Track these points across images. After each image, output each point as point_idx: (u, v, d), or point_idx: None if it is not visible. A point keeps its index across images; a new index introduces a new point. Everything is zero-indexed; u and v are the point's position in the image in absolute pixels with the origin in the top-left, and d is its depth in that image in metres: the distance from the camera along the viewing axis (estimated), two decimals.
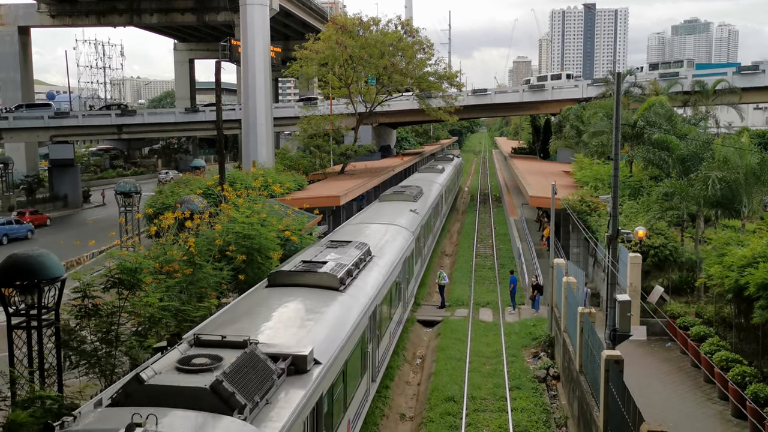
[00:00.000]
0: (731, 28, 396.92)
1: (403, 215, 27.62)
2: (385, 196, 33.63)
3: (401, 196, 32.75)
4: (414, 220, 27.52)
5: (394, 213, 27.86)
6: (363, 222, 25.66)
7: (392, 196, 33.07)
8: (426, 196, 35.56)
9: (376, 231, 23.05)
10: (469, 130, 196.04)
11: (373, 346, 15.83)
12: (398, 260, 20.44)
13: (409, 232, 25.00)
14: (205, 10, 70.83)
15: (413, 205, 30.63)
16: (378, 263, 18.33)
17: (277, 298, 13.59)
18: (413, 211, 29.04)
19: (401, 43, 52.85)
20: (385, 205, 30.87)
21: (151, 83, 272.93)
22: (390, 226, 24.45)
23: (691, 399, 17.13)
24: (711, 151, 25.89)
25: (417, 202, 31.67)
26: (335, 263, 15.45)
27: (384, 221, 25.38)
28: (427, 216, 31.76)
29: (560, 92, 62.05)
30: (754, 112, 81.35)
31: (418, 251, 27.64)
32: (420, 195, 34.13)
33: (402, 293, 21.70)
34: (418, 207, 30.75)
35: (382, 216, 27.02)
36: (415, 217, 28.12)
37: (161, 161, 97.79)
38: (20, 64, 72.60)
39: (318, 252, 17.09)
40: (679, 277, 24.53)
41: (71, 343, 13.05)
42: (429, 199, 35.40)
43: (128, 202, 28.75)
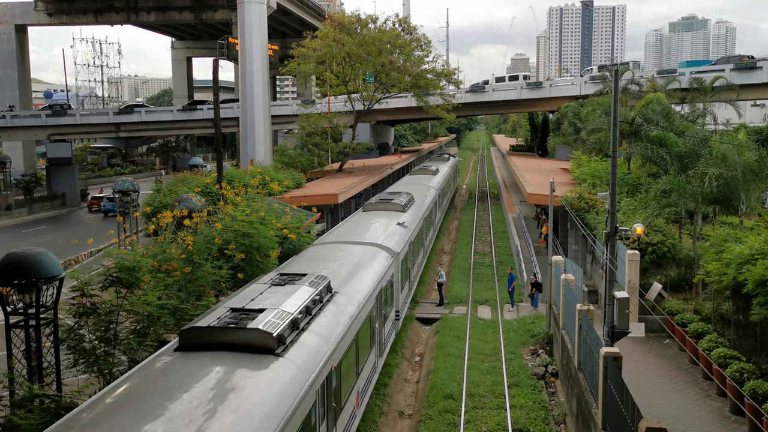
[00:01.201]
0: (729, 25, 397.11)
1: (388, 230, 23.95)
2: (370, 206, 29.48)
3: (388, 205, 28.68)
4: (401, 237, 23.79)
5: (377, 228, 24.34)
6: (336, 241, 21.71)
7: (377, 206, 28.96)
8: (417, 204, 31.58)
9: (349, 255, 19.17)
10: (468, 128, 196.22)
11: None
12: (371, 293, 16.40)
13: (392, 254, 21.02)
14: (202, 8, 70.73)
15: (401, 216, 26.91)
16: (340, 302, 14.16)
17: (181, 372, 9.67)
18: (401, 225, 25.29)
19: (399, 40, 52.81)
20: (367, 217, 26.89)
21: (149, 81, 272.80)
22: (368, 248, 20.52)
23: (690, 395, 17.16)
24: (709, 147, 25.91)
25: (406, 213, 28.04)
26: (275, 312, 11.28)
27: (362, 239, 21.73)
28: (417, 229, 27.96)
29: (558, 89, 62.06)
30: (752, 108, 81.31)
31: (404, 273, 23.52)
32: (410, 203, 30.38)
33: (376, 334, 17.57)
34: (408, 218, 27.03)
35: (362, 232, 23.44)
36: (402, 233, 24.29)
37: (159, 160, 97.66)
38: (17, 62, 72.43)
39: (257, 294, 12.58)
40: (677, 274, 24.57)
41: (69, 342, 13.04)
42: (421, 208, 31.44)
43: (126, 201, 28.65)
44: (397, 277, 21.26)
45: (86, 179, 77.83)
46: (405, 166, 67.22)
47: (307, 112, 53.57)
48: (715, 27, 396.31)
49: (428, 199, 35.44)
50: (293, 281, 13.85)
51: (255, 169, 39.31)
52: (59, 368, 12.08)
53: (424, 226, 31.13)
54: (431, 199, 36.51)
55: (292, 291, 12.82)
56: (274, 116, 60.23)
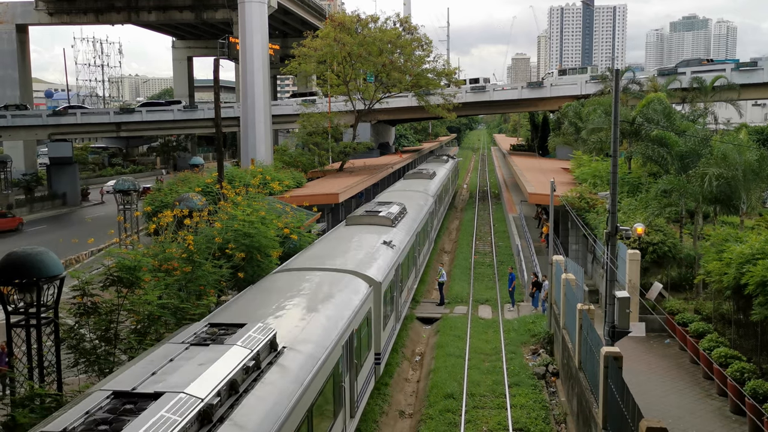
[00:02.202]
0: (729, 24, 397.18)
1: (370, 252, 20.04)
2: (354, 219, 25.41)
3: (374, 218, 24.79)
4: (385, 260, 19.57)
5: (357, 248, 20.50)
6: (304, 267, 17.54)
7: (362, 219, 25.04)
8: (410, 217, 27.68)
9: (314, 288, 15.42)
10: (468, 127, 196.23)
11: None
12: (336, 342, 12.45)
13: (372, 284, 17.00)
14: (203, 8, 70.79)
15: (389, 233, 22.82)
16: (287, 365, 10.46)
17: None
18: (387, 245, 21.14)
19: (400, 40, 52.80)
20: (349, 234, 22.82)
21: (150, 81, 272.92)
22: (342, 276, 16.50)
23: (690, 395, 17.15)
24: (709, 147, 25.90)
25: (396, 228, 24.23)
26: (177, 400, 7.67)
27: (336, 265, 17.63)
28: (408, 247, 24.01)
29: (559, 89, 62.09)
30: (753, 108, 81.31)
31: (389, 304, 19.18)
32: (402, 216, 26.50)
33: (344, 394, 13.32)
34: (397, 236, 23.03)
35: (338, 254, 19.36)
36: (387, 256, 20.14)
37: (160, 159, 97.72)
38: (18, 62, 72.54)
39: (164, 361, 8.99)
40: (677, 273, 24.56)
41: (70, 342, 13.05)
42: (414, 221, 27.50)
43: (127, 200, 28.71)
44: (377, 311, 17.12)
45: (87, 179, 77.90)
46: (405, 166, 67.22)
47: (308, 112, 53.60)
48: (716, 26, 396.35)
49: (423, 210, 31.40)
50: (223, 336, 10.20)
51: (256, 168, 39.35)
52: (60, 367, 12.09)
53: (417, 242, 27.17)
54: (427, 209, 32.59)
55: (215, 356, 9.18)
56: (275, 116, 60.28)
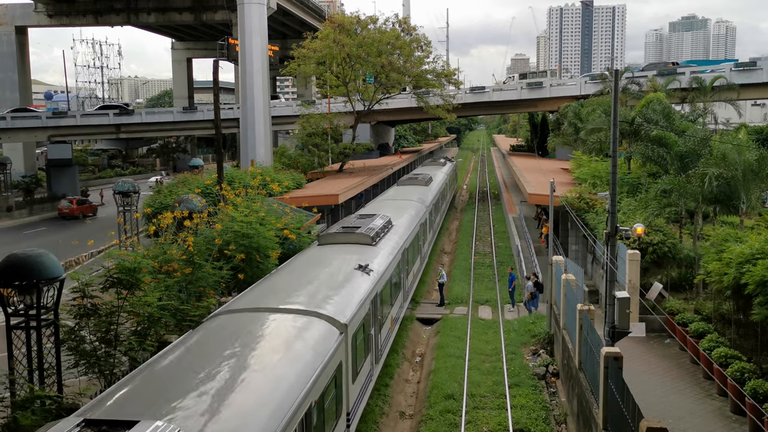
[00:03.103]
0: (729, 24, 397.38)
1: (341, 282, 15.89)
2: (327, 238, 20.58)
3: (352, 236, 20.24)
4: (359, 294, 15.38)
5: (326, 277, 16.24)
6: (254, 307, 13.28)
7: (337, 237, 20.45)
8: (396, 232, 23.37)
9: (256, 345, 11.45)
10: (468, 128, 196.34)
11: None
12: (284, 423, 9.10)
13: (338, 327, 12.97)
14: (202, 9, 70.83)
15: (368, 254, 18.64)
16: None
17: None
18: (364, 270, 16.95)
19: (399, 41, 52.85)
20: (319, 257, 18.35)
21: (149, 82, 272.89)
22: (300, 319, 12.66)
23: (690, 395, 17.15)
24: (709, 147, 25.91)
25: (377, 246, 19.85)
26: None
27: (294, 302, 13.68)
28: (391, 270, 19.88)
29: (558, 89, 62.13)
30: (752, 108, 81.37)
31: (364, 347, 15.26)
32: (385, 232, 22.04)
33: None
34: (378, 258, 18.86)
35: (300, 287, 15.15)
36: (362, 287, 15.91)
37: (159, 161, 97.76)
38: (17, 64, 72.59)
39: None
40: (677, 273, 24.55)
41: (70, 343, 13.05)
42: (400, 238, 22.94)
43: (127, 202, 28.71)
44: (346, 362, 13.12)
45: (87, 180, 77.89)
46: (404, 167, 67.24)
47: (308, 113, 53.62)
48: (715, 26, 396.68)
49: (414, 222, 27.13)
50: None
51: (255, 169, 39.34)
52: (60, 369, 12.10)
53: (403, 262, 22.79)
54: (419, 221, 28.41)
55: None
56: (275, 117, 60.30)
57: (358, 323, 14.49)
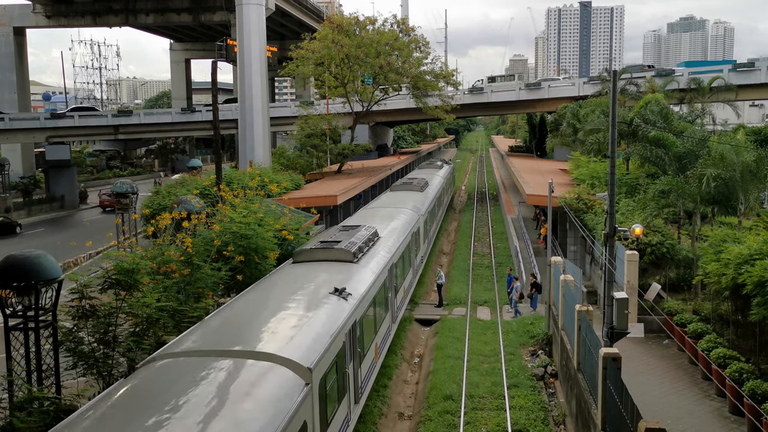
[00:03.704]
0: (727, 25, 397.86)
1: (311, 312, 13.42)
2: (303, 254, 18.06)
3: (330, 253, 17.91)
4: (330, 325, 13.03)
5: (293, 306, 13.92)
6: (198, 350, 11.14)
7: (315, 254, 17.97)
8: (382, 246, 21.04)
9: (194, 409, 8.88)
10: (466, 129, 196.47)
11: None
12: None
13: (302, 374, 10.65)
14: (201, 10, 70.75)
15: (347, 274, 16.73)
16: None
17: None
18: (340, 295, 14.63)
19: (397, 42, 52.87)
20: (290, 279, 16.32)
21: (148, 83, 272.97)
22: (256, 367, 10.40)
23: (689, 396, 17.17)
24: (707, 148, 25.94)
25: (358, 264, 17.79)
26: None
27: (249, 344, 11.39)
28: (373, 293, 17.27)
29: (557, 90, 62.16)
30: (750, 109, 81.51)
31: (335, 392, 12.75)
32: (369, 246, 19.87)
33: None
34: (357, 278, 16.68)
35: (263, 321, 12.91)
36: (336, 317, 13.56)
37: (158, 162, 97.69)
38: (16, 65, 72.44)
39: None
40: (676, 274, 24.57)
41: (69, 344, 13.03)
42: (388, 253, 20.60)
43: (125, 203, 28.68)
44: (312, 420, 10.81)
45: (85, 181, 77.81)
46: (402, 168, 67.22)
47: (306, 114, 53.61)
48: (714, 27, 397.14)
49: (405, 233, 25.03)
50: None
51: (254, 170, 39.31)
52: (58, 370, 12.08)
53: (392, 277, 20.52)
54: (410, 230, 26.24)
55: None
56: (273, 118, 60.29)
57: (330, 363, 12.23)
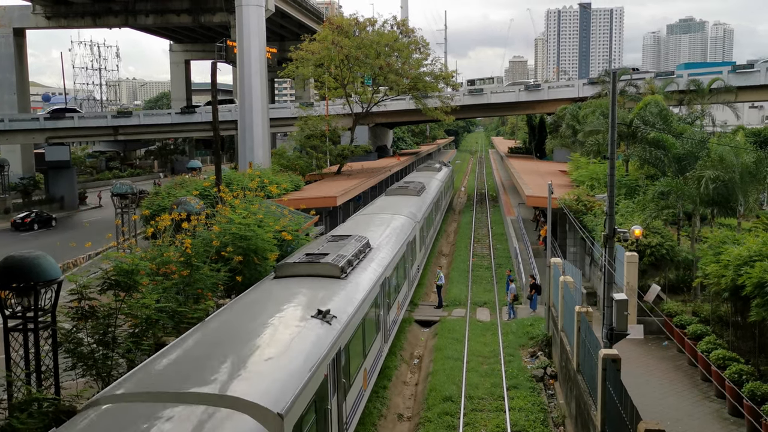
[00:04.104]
0: (726, 27, 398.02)
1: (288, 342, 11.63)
2: (286, 269, 16.10)
3: (316, 267, 15.97)
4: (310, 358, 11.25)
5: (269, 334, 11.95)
6: (148, 391, 9.27)
7: (298, 268, 16.01)
8: (375, 257, 19.27)
9: None
10: (466, 130, 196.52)
11: None
12: None
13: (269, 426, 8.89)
14: (200, 11, 70.78)
15: (333, 291, 14.94)
16: None
17: None
18: (323, 318, 12.81)
19: (397, 43, 52.92)
20: (269, 298, 14.36)
21: (147, 84, 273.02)
22: (216, 415, 8.65)
23: (688, 397, 17.16)
24: (707, 149, 25.95)
25: (346, 280, 15.95)
26: None
27: (209, 385, 9.40)
28: (362, 313, 15.44)
29: (556, 92, 62.21)
30: (750, 110, 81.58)
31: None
32: (360, 257, 18.11)
33: None
34: (345, 297, 14.88)
35: (230, 354, 10.85)
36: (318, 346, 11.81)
37: (157, 162, 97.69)
38: (15, 66, 72.49)
39: None
40: (675, 275, 24.56)
41: (68, 345, 13.03)
42: (379, 266, 18.76)
43: (124, 204, 28.69)
44: None
45: (85, 182, 77.79)
46: (402, 169, 67.21)
47: (306, 115, 53.63)
48: (713, 29, 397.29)
49: (401, 242, 23.31)
50: None
51: (253, 171, 39.31)
52: (57, 371, 12.07)
53: (384, 293, 18.79)
54: (406, 238, 24.59)
55: None
56: (273, 119, 60.31)
57: (307, 403, 10.41)
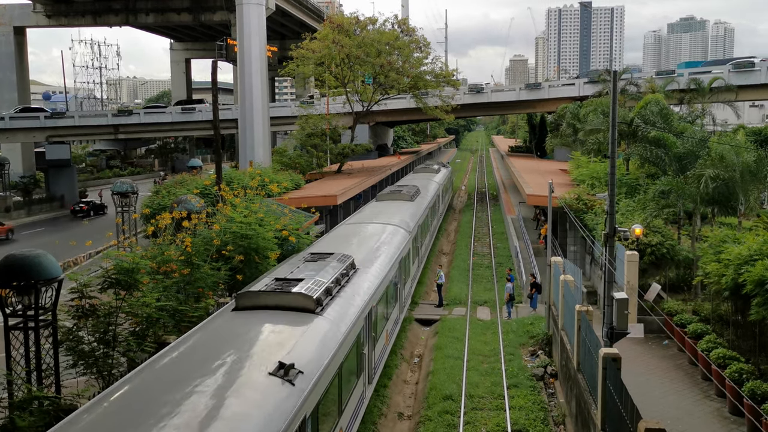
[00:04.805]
0: (727, 26, 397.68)
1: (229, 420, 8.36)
2: (249, 299, 12.85)
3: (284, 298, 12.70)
4: None
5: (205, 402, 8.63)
6: None
7: (262, 299, 12.74)
8: (358, 283, 15.89)
9: None
10: (466, 129, 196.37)
11: None
12: None
13: None
14: (201, 10, 70.78)
15: (301, 333, 11.92)
16: None
17: None
18: (284, 376, 9.77)
19: (398, 41, 52.88)
20: (216, 348, 10.82)
21: (148, 83, 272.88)
22: None
23: (689, 396, 17.16)
24: (707, 148, 25.93)
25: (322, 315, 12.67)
26: None
27: None
28: (340, 359, 12.39)
29: (557, 90, 62.16)
30: (750, 109, 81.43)
31: None
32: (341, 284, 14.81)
33: None
34: (317, 342, 11.81)
35: None
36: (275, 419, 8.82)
37: (158, 161, 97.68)
38: (16, 64, 72.46)
39: None
40: (676, 274, 24.57)
41: (69, 344, 13.04)
42: (365, 293, 15.63)
43: (125, 203, 28.67)
44: None
45: (85, 181, 77.80)
46: (401, 169, 67.19)
47: (307, 114, 53.62)
48: (714, 28, 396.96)
49: (392, 258, 20.20)
50: None
51: (254, 170, 39.31)
52: (58, 370, 12.08)
53: (370, 324, 15.68)
54: (399, 254, 21.41)
55: None
56: (273, 117, 60.28)
57: None
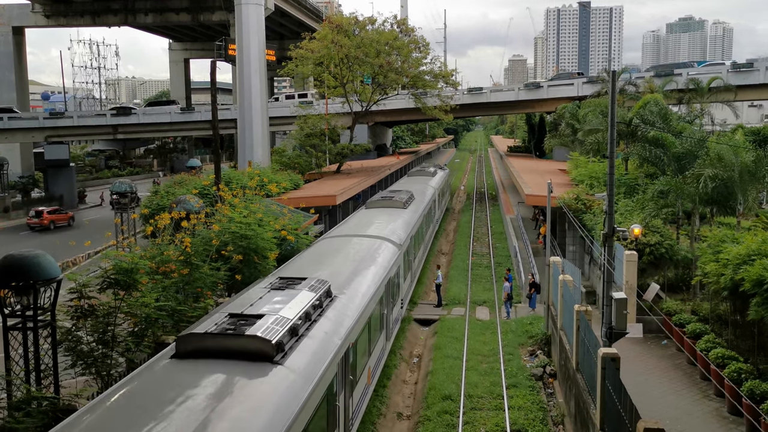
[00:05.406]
0: (726, 26, 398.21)
1: None
2: (195, 341, 9.99)
3: (240, 342, 9.88)
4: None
5: None
6: None
7: (217, 342, 9.93)
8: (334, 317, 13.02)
9: None
10: (465, 129, 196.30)
11: None
12: None
13: None
14: (199, 10, 70.79)
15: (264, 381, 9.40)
16: None
17: None
18: None
19: (397, 42, 52.85)
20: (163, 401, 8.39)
21: (146, 83, 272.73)
22: None
23: (688, 396, 17.18)
24: (706, 148, 25.95)
25: (287, 360, 10.01)
26: None
27: None
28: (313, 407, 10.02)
29: (556, 90, 62.16)
30: (749, 109, 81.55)
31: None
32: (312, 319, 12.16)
33: None
34: (280, 392, 9.25)
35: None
36: None
37: (157, 161, 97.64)
38: (15, 64, 72.44)
39: None
40: (674, 274, 24.58)
41: (67, 344, 13.02)
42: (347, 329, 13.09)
43: (124, 203, 28.69)
44: None
45: (84, 181, 77.75)
46: (400, 169, 67.21)
47: (306, 114, 53.61)
48: (712, 28, 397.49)
49: (377, 282, 17.36)
50: None
51: (253, 170, 39.29)
52: (57, 370, 12.07)
53: (346, 366, 12.98)
54: (386, 274, 18.68)
55: None
56: (272, 117, 60.28)
57: None
